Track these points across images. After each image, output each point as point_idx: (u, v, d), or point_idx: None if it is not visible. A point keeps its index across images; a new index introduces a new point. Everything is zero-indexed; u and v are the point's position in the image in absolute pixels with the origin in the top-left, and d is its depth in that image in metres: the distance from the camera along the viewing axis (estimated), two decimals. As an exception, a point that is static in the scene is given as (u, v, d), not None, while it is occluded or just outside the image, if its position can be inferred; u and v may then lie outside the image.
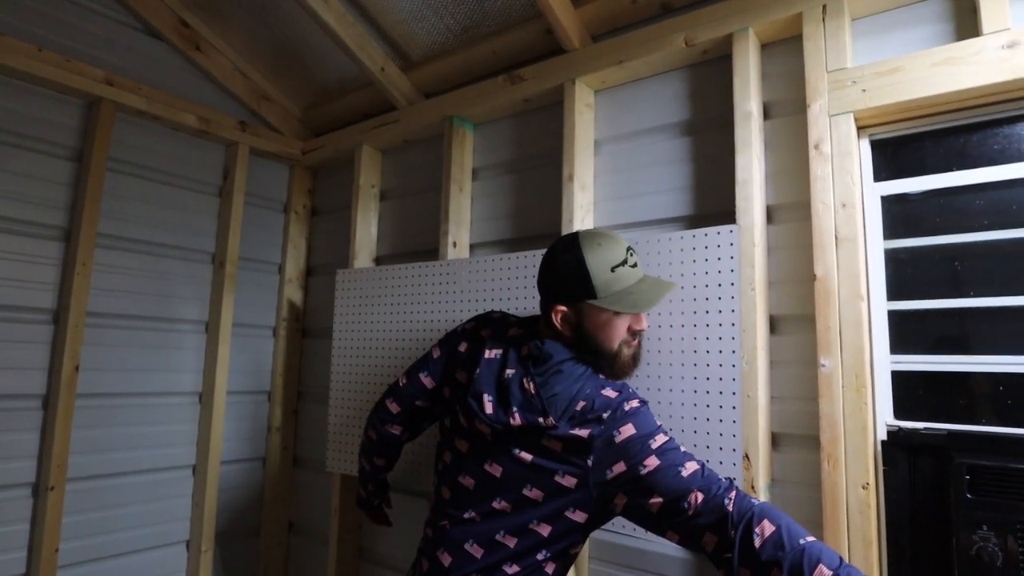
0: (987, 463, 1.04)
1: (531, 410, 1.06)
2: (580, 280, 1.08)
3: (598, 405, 1.04)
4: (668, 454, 0.98)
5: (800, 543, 0.85)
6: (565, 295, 1.11)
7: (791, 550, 0.85)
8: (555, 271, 1.12)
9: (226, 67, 2.23)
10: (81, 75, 1.83)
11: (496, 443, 1.12)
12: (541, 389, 1.07)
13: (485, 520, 1.11)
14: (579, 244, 1.10)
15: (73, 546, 1.81)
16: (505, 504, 1.09)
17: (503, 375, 1.13)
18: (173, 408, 2.09)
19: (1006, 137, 1.18)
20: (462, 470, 1.17)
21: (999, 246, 1.15)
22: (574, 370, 1.09)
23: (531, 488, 1.07)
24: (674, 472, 0.95)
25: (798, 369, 1.27)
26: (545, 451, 1.06)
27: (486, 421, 1.10)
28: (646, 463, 0.97)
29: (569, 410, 1.05)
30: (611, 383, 1.10)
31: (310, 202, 2.51)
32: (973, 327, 1.17)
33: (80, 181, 1.86)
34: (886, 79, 1.20)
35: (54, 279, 1.81)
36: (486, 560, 1.10)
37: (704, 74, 1.51)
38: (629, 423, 1.01)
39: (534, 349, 1.12)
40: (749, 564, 0.87)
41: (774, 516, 0.89)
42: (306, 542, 2.29)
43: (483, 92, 1.83)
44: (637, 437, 1.00)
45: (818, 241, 1.23)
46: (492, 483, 1.11)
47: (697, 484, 0.94)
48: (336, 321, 1.96)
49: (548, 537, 1.07)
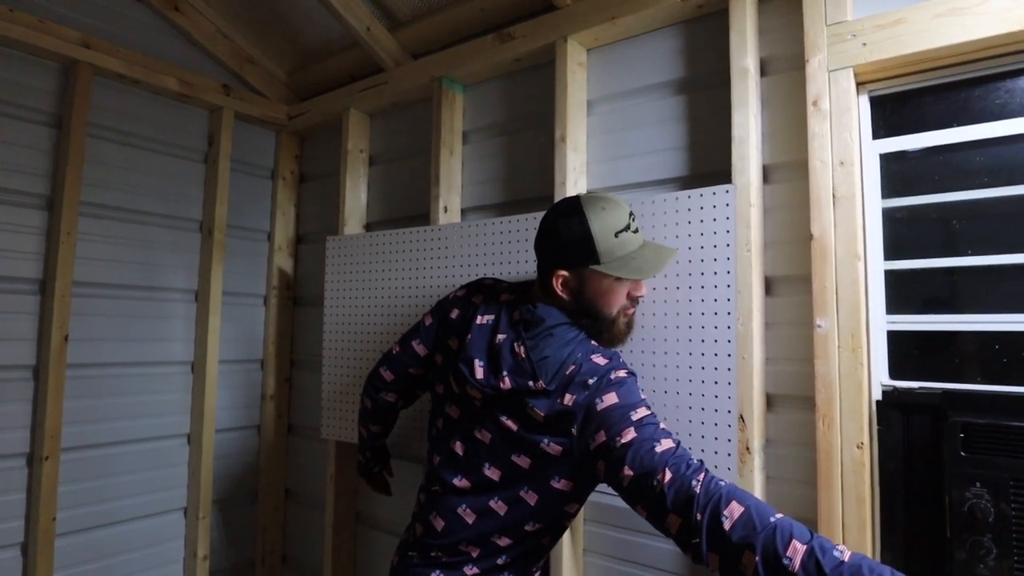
0: (981, 421, 1.04)
1: (521, 374, 1.05)
2: (584, 245, 1.05)
3: (585, 370, 1.03)
4: (646, 428, 0.95)
5: (770, 521, 0.81)
6: (567, 260, 1.08)
7: (762, 529, 0.80)
8: (557, 235, 1.09)
9: (208, 29, 2.16)
10: (56, 37, 1.76)
11: (486, 409, 1.11)
12: (531, 352, 1.06)
13: (476, 486, 1.11)
14: (582, 208, 1.07)
15: (70, 515, 1.82)
16: (495, 470, 1.09)
17: (495, 340, 1.12)
18: (166, 378, 2.08)
19: (1008, 91, 1.15)
20: (454, 436, 1.17)
21: (997, 204, 1.13)
22: (566, 334, 1.08)
23: (519, 455, 1.07)
24: (648, 447, 0.92)
25: (794, 330, 1.26)
26: (529, 420, 1.06)
27: (476, 386, 1.10)
28: (623, 434, 0.95)
29: (559, 374, 1.04)
30: (602, 350, 1.09)
31: (298, 168, 2.46)
32: (969, 286, 1.16)
33: (60, 148, 1.81)
34: (887, 32, 1.16)
35: (39, 249, 1.78)
36: (478, 527, 1.10)
37: (699, 30, 1.46)
38: (612, 392, 1.00)
39: (526, 313, 1.10)
40: (719, 548, 0.82)
41: (742, 497, 0.85)
42: (303, 508, 2.31)
43: (472, 52, 1.78)
44: (619, 406, 0.98)
45: (815, 200, 1.20)
46: (482, 449, 1.11)
47: (668, 462, 0.90)
48: (327, 289, 1.94)
49: (535, 507, 1.08)
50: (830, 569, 0.74)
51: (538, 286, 1.15)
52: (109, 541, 1.92)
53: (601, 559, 1.49)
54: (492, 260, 1.58)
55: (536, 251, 1.15)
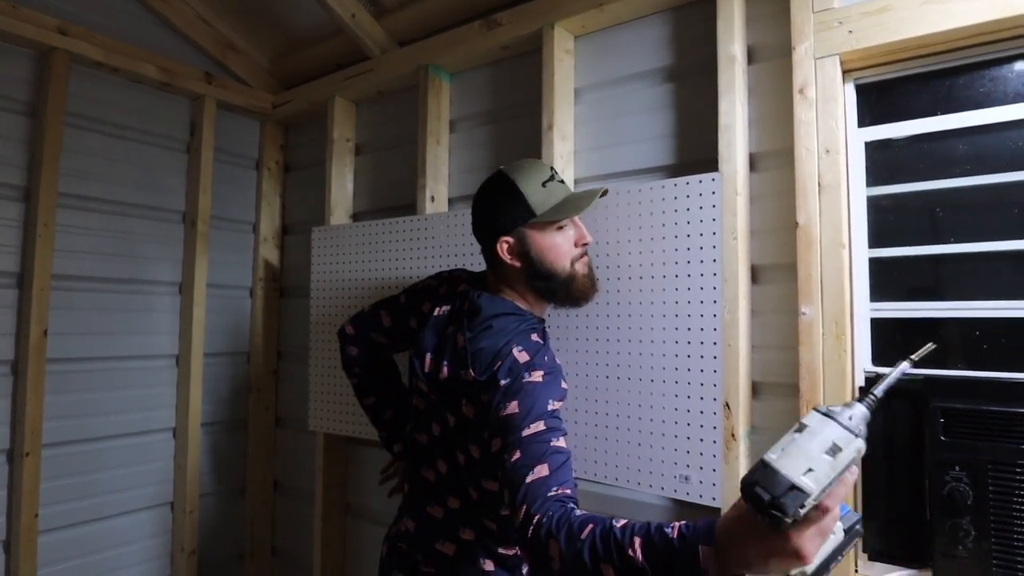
0: (961, 406, 1.06)
1: (457, 363, 1.06)
2: (515, 202, 1.09)
3: (504, 368, 1.00)
4: (530, 448, 0.90)
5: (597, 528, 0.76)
6: (504, 224, 1.10)
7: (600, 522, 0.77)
8: (489, 204, 1.13)
9: (188, 15, 2.11)
10: (31, 23, 1.71)
11: (440, 403, 1.13)
12: (469, 343, 1.06)
13: (439, 478, 1.14)
14: (505, 173, 1.12)
15: (54, 511, 1.79)
16: (443, 464, 1.12)
17: (447, 331, 1.13)
18: (149, 371, 2.05)
19: (992, 80, 1.15)
20: (418, 428, 1.20)
21: (980, 192, 1.14)
22: (504, 325, 1.08)
23: (459, 452, 1.09)
24: (522, 475, 0.87)
25: (779, 318, 1.27)
26: (463, 417, 1.07)
27: (423, 379, 1.12)
28: (511, 453, 0.91)
29: (491, 366, 1.02)
30: (529, 344, 1.04)
31: (283, 158, 2.43)
32: (951, 273, 1.17)
33: (37, 137, 1.77)
34: (874, 19, 1.16)
35: (16, 241, 1.74)
36: (447, 523, 1.12)
37: (687, 17, 1.45)
38: (515, 400, 0.96)
39: (468, 303, 1.12)
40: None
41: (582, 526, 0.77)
42: (292, 500, 2.30)
43: (459, 39, 1.76)
44: (517, 417, 0.95)
45: (801, 188, 1.21)
46: (434, 441, 1.15)
47: (529, 497, 0.84)
48: (313, 279, 1.92)
49: (478, 501, 1.10)
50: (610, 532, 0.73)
51: (488, 272, 1.17)
52: (94, 537, 1.90)
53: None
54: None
55: (476, 235, 1.17)
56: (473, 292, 1.14)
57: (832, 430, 0.63)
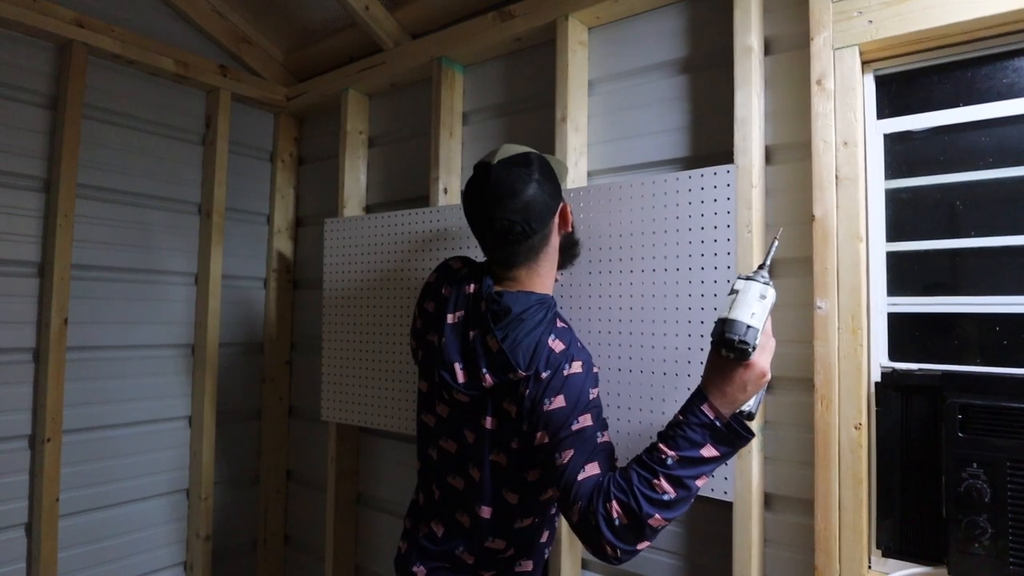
0: (979, 402, 1.05)
1: (499, 368, 1.03)
2: (555, 165, 1.17)
3: (542, 360, 1.01)
4: (583, 446, 0.96)
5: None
6: (558, 189, 1.13)
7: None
8: (542, 177, 1.08)
9: (203, 8, 2.13)
10: (49, 16, 1.73)
11: (474, 408, 1.10)
12: (503, 343, 1.03)
13: (468, 485, 1.12)
14: (518, 153, 1.10)
15: (74, 495, 1.83)
16: (476, 471, 1.10)
17: (468, 337, 1.09)
18: (166, 360, 2.08)
19: (1016, 70, 1.13)
20: (443, 434, 1.16)
21: (1002, 185, 1.12)
22: (534, 317, 1.06)
23: (497, 453, 1.08)
24: (574, 476, 0.94)
25: (794, 312, 1.26)
26: (504, 415, 1.05)
27: (461, 390, 1.07)
28: (563, 454, 0.96)
29: (535, 358, 1.02)
30: (559, 331, 1.06)
31: (297, 150, 2.44)
32: (971, 268, 1.15)
33: (56, 129, 1.79)
34: (894, 9, 1.14)
35: (36, 231, 1.77)
36: (473, 532, 1.11)
37: (703, 8, 1.44)
38: (561, 395, 0.99)
39: (492, 304, 1.07)
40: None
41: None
42: (304, 489, 2.33)
43: (472, 31, 1.75)
44: (564, 411, 0.98)
45: (818, 181, 1.19)
46: (467, 449, 1.12)
47: (582, 497, 0.93)
48: (326, 271, 1.93)
49: (518, 505, 1.09)
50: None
51: (522, 271, 1.11)
52: (112, 522, 1.94)
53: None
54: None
55: (528, 224, 1.06)
56: (490, 291, 1.09)
57: (756, 286, 0.91)
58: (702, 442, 0.90)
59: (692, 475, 0.90)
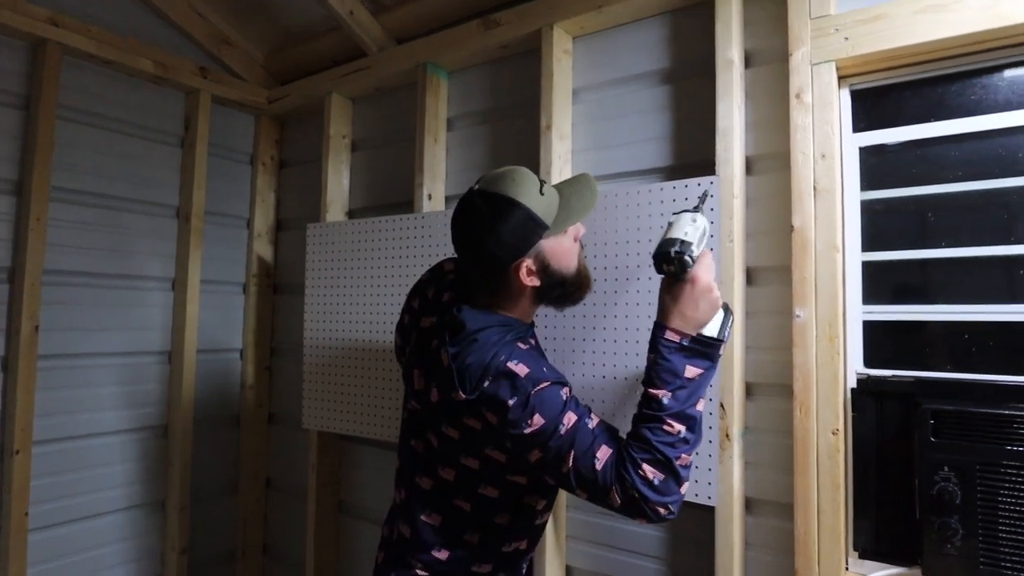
0: (950, 408, 1.08)
1: (445, 385, 1.01)
2: (528, 222, 1.00)
3: (505, 388, 0.96)
4: (579, 442, 0.94)
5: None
6: (519, 247, 1.00)
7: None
8: (497, 235, 0.99)
9: (182, 7, 2.10)
10: (22, 14, 1.69)
11: (432, 415, 1.08)
12: (454, 361, 0.99)
13: (436, 486, 1.09)
14: (501, 194, 1.00)
15: (44, 509, 1.78)
16: (450, 471, 1.07)
17: (431, 344, 1.08)
18: (141, 368, 2.03)
19: (984, 87, 1.18)
20: (413, 434, 1.15)
21: (970, 197, 1.17)
22: (488, 338, 1.01)
23: (467, 458, 1.05)
24: (588, 466, 0.94)
25: (773, 319, 1.29)
26: (468, 429, 1.02)
27: (414, 397, 1.07)
28: (565, 459, 0.94)
29: (480, 384, 0.97)
30: (520, 354, 1.00)
31: (278, 153, 2.41)
32: (942, 277, 1.20)
33: (29, 131, 1.75)
34: (869, 27, 1.18)
35: (7, 236, 1.72)
36: (446, 528, 1.09)
37: (685, 20, 1.47)
38: (536, 415, 0.95)
39: (449, 318, 1.04)
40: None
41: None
42: (284, 498, 2.30)
43: (457, 38, 1.76)
44: (546, 426, 0.95)
45: (796, 192, 1.22)
46: (432, 451, 1.09)
47: (612, 480, 0.92)
48: (308, 276, 1.92)
49: (497, 498, 1.07)
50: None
51: (486, 297, 1.08)
52: (85, 535, 1.88)
53: (584, 544, 1.51)
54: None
55: (477, 267, 1.06)
56: (455, 306, 1.06)
57: (686, 215, 1.02)
58: (680, 367, 0.94)
59: (691, 402, 0.94)
